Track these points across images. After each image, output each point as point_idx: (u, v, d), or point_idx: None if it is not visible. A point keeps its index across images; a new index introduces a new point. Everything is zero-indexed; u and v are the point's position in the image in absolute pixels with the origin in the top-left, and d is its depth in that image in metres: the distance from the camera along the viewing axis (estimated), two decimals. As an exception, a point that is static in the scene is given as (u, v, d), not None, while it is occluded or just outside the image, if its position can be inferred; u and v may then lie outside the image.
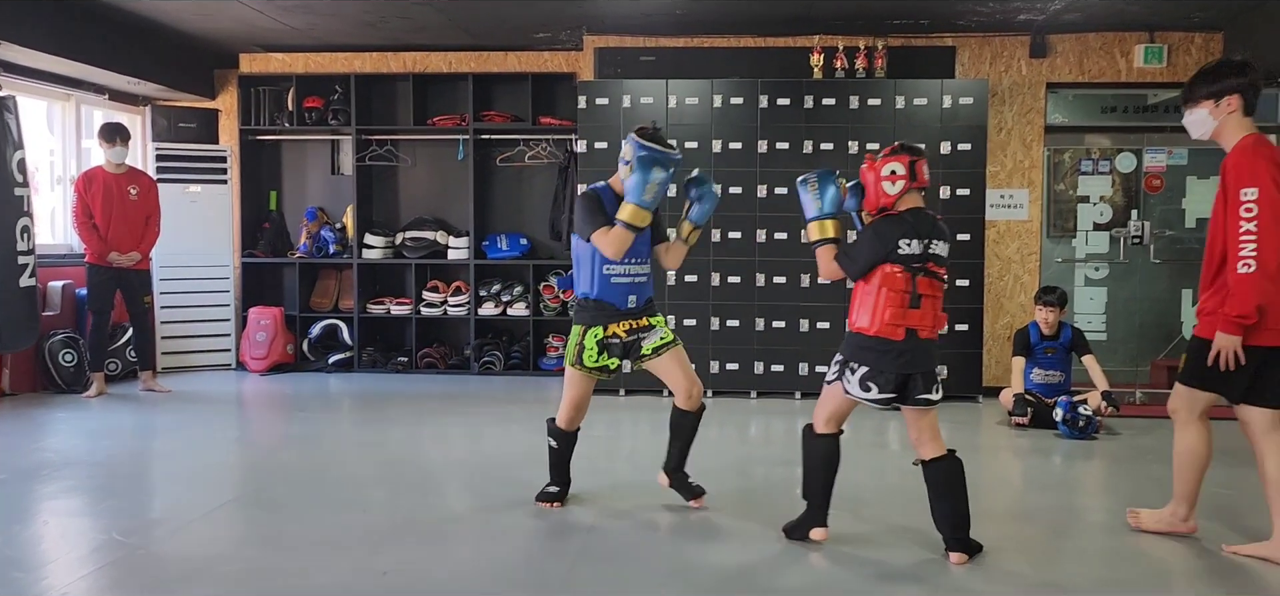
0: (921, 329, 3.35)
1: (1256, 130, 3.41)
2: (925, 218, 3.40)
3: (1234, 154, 3.35)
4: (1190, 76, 3.56)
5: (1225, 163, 3.39)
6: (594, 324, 3.92)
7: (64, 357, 6.82)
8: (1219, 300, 3.38)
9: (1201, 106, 3.46)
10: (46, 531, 3.80)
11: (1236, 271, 3.25)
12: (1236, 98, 3.38)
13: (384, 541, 3.63)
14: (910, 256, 3.32)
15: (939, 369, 3.38)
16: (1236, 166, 3.30)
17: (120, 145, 6.73)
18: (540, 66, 7.79)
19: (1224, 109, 3.40)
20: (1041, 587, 3.25)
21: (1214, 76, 3.45)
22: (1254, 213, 3.21)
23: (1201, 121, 3.48)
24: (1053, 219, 7.48)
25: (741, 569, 3.40)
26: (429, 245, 7.92)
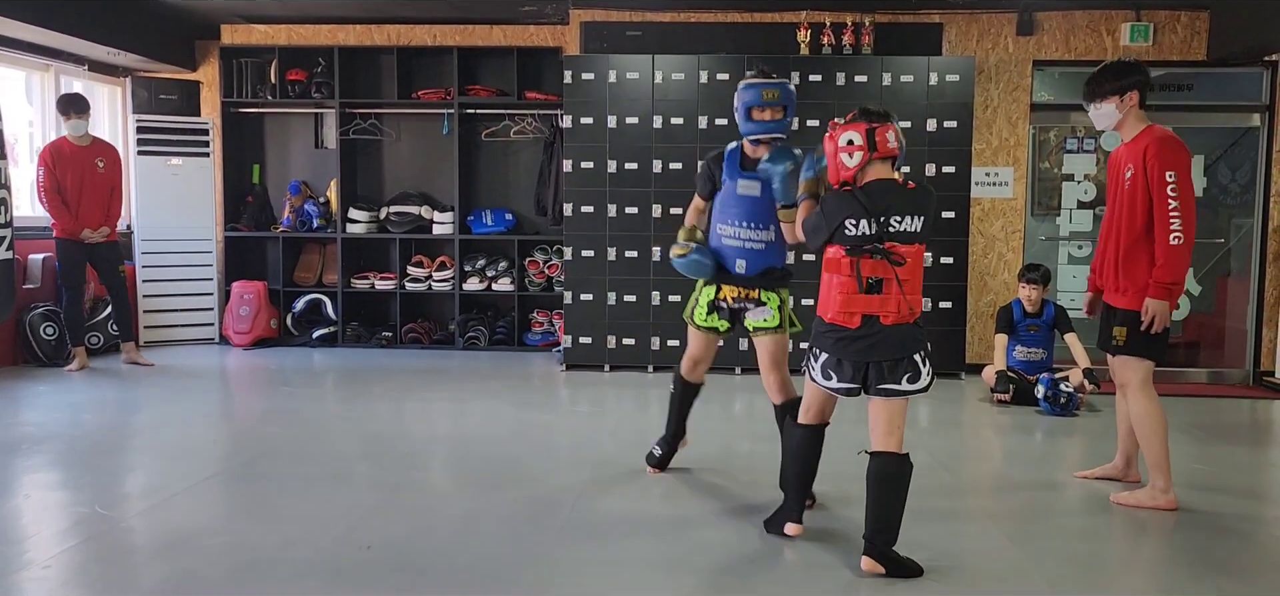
0: (884, 315, 3.06)
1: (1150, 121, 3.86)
2: (890, 190, 3.08)
3: (1154, 143, 3.73)
4: (1092, 75, 3.92)
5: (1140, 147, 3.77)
6: (711, 281, 3.91)
7: (45, 331, 6.76)
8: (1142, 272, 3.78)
9: (1108, 102, 3.85)
10: (27, 505, 3.78)
11: (1167, 243, 3.67)
12: (1136, 93, 3.83)
13: (367, 516, 3.63)
14: (860, 238, 3.05)
15: (919, 356, 3.12)
16: (1159, 153, 3.70)
17: (77, 117, 6.57)
18: (526, 40, 7.74)
19: (1127, 103, 3.83)
20: (1020, 563, 3.28)
21: (1117, 74, 3.85)
22: (1177, 192, 3.66)
23: (1108, 114, 3.87)
24: (1037, 197, 7.50)
25: (723, 545, 3.41)
26: (414, 220, 7.88)
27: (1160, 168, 3.67)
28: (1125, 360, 3.87)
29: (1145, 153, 3.73)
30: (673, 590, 3.00)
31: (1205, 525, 3.74)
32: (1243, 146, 7.36)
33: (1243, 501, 4.15)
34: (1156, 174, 3.68)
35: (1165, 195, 3.67)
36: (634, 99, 6.91)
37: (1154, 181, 3.69)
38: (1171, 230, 3.67)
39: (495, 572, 3.09)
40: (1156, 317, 3.72)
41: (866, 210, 3.04)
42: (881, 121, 3.12)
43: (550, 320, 7.87)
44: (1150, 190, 3.71)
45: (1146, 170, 3.71)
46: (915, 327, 3.13)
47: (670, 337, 6.95)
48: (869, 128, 3.10)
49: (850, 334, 3.11)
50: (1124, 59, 4.01)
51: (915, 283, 3.11)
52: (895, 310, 3.07)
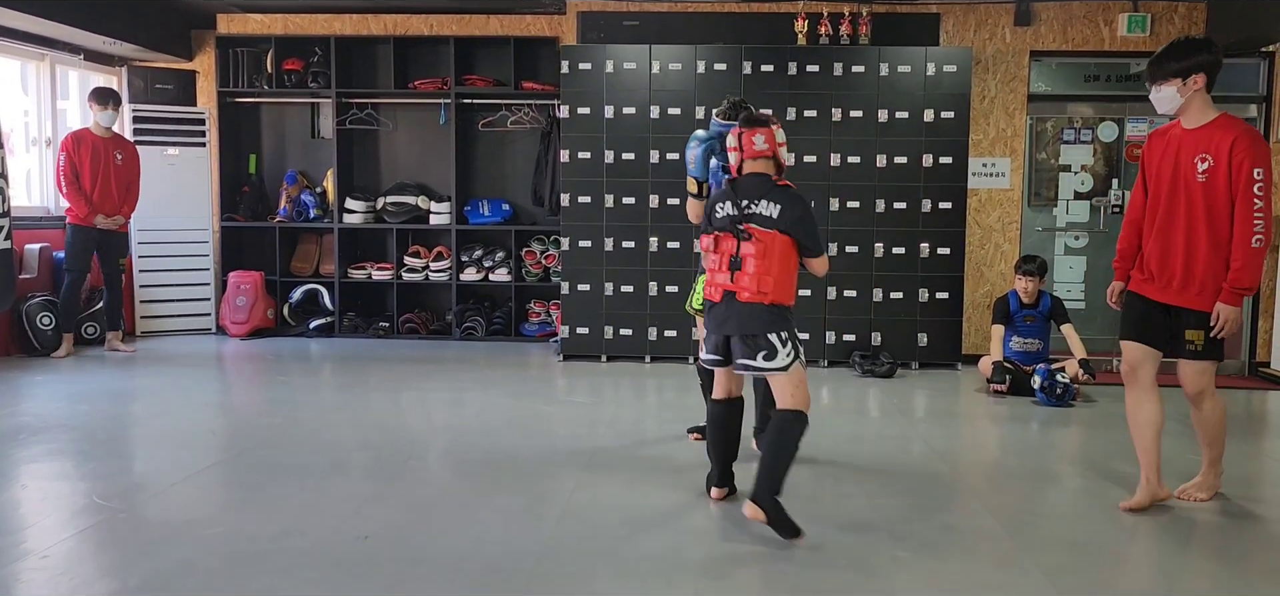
0: (739, 292, 3.34)
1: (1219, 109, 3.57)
2: (756, 181, 3.42)
3: (1243, 136, 3.43)
4: (1155, 55, 3.60)
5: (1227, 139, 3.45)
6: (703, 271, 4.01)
7: (41, 321, 6.76)
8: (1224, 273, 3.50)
9: (1170, 84, 3.52)
10: (26, 495, 3.78)
11: (1249, 245, 3.41)
12: (1202, 75, 3.48)
13: (365, 506, 3.63)
14: (724, 219, 3.40)
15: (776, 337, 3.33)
16: (1250, 149, 3.40)
17: (112, 109, 6.82)
18: (523, 30, 7.72)
19: (1191, 86, 3.49)
20: (1016, 552, 3.29)
21: (1183, 53, 3.51)
22: (1264, 192, 3.37)
23: (1169, 98, 3.55)
24: (1034, 188, 7.51)
25: (719, 534, 3.43)
26: (411, 210, 7.87)
27: (1250, 164, 3.40)
28: (1203, 366, 3.65)
29: (1233, 146, 3.43)
30: (669, 580, 3.02)
31: (1201, 514, 3.75)
32: (1239, 137, 7.35)
33: (1238, 490, 4.16)
34: (1245, 171, 3.40)
35: (1252, 195, 3.40)
36: (631, 89, 6.91)
37: (1240, 178, 3.41)
38: (1255, 232, 3.41)
39: (492, 562, 3.10)
40: (1228, 323, 3.51)
41: (732, 196, 3.40)
42: (751, 126, 3.45)
43: (547, 310, 7.87)
44: (1233, 187, 3.44)
45: (1232, 165, 3.43)
46: (772, 310, 3.36)
47: (667, 328, 6.95)
48: (739, 133, 3.47)
49: (715, 309, 3.44)
50: (1192, 37, 3.76)
51: (775, 270, 3.34)
52: (750, 288, 3.33)
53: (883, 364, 6.64)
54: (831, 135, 6.84)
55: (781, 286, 3.36)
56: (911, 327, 6.92)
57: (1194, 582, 3.09)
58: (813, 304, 6.87)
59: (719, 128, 4.17)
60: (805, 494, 3.89)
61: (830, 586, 2.99)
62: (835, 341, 6.97)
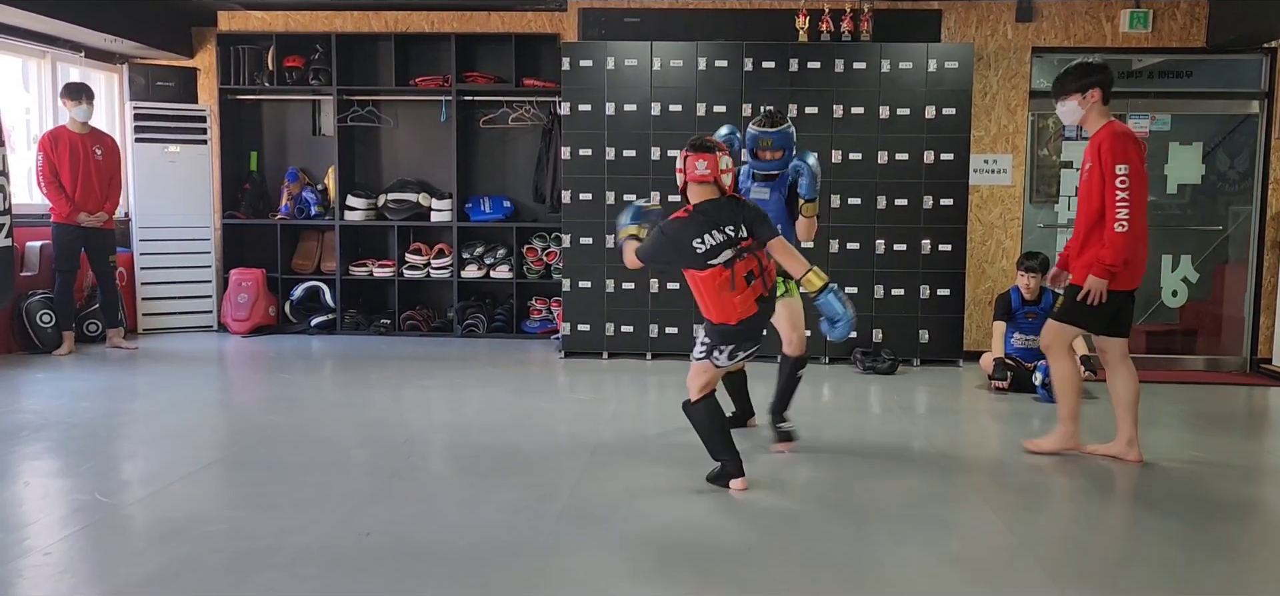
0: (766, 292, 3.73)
1: (1114, 117, 4.23)
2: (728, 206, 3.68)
3: (1108, 137, 4.09)
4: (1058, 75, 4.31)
5: (1097, 142, 4.15)
6: None
7: (42, 318, 6.77)
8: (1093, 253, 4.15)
9: (1072, 98, 4.23)
10: (27, 492, 3.79)
11: (1113, 230, 4.05)
12: (1098, 91, 4.18)
13: (366, 503, 3.64)
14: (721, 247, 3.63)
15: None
16: (1111, 147, 4.05)
17: (86, 104, 6.74)
18: (524, 27, 7.72)
19: (1089, 100, 4.19)
20: (1017, 549, 3.29)
21: (1081, 74, 4.22)
22: (1127, 184, 4.01)
23: (1072, 111, 4.26)
24: (1035, 184, 7.50)
25: (721, 531, 3.43)
26: (412, 207, 7.87)
27: (1113, 161, 4.03)
28: (1053, 326, 4.34)
29: (1100, 146, 4.10)
30: (670, 576, 3.02)
31: (1203, 510, 3.75)
32: (1241, 133, 7.35)
33: (1240, 486, 4.16)
34: (1109, 166, 4.04)
35: (1114, 187, 4.04)
36: (632, 86, 6.90)
37: (1107, 173, 4.06)
38: (1118, 219, 4.03)
39: (493, 559, 3.10)
40: (1093, 292, 4.14)
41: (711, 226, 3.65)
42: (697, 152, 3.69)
43: (548, 307, 7.87)
44: (1103, 180, 4.08)
45: (1101, 162, 4.08)
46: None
47: (668, 325, 6.95)
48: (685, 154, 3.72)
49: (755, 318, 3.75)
50: (1089, 62, 4.40)
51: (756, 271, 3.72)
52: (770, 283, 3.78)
53: (884, 361, 6.64)
54: (833, 132, 6.83)
55: None
56: (913, 324, 6.91)
57: (1196, 579, 3.09)
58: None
59: (754, 133, 4.45)
60: (807, 489, 3.89)
61: (832, 582, 2.99)
62: (836, 338, 6.95)
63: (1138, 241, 4.13)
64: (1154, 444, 5.05)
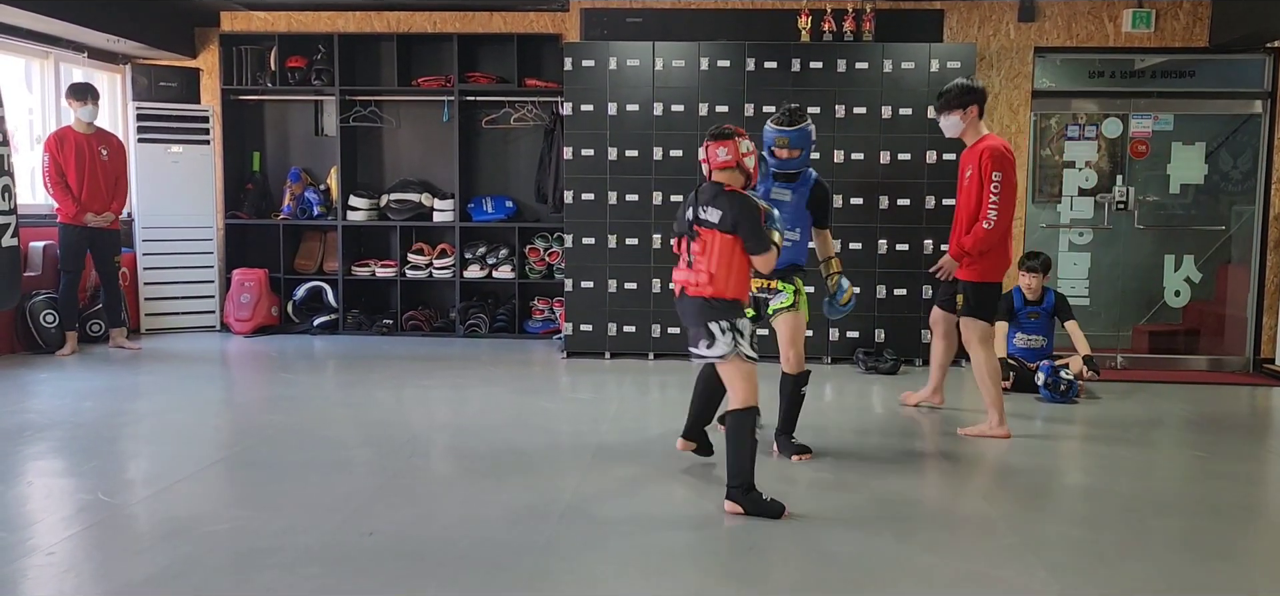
0: (688, 287, 3.64)
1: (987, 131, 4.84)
2: (710, 190, 3.67)
3: (989, 150, 4.68)
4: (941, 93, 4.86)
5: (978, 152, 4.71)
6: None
7: (45, 318, 6.78)
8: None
9: (954, 114, 4.78)
10: (31, 492, 3.79)
11: (981, 225, 4.67)
12: (975, 108, 4.76)
13: (368, 502, 3.64)
14: (683, 223, 3.69)
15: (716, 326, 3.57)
16: (991, 158, 4.65)
17: (91, 104, 6.76)
18: (526, 27, 7.72)
19: (969, 116, 4.76)
20: (1019, 548, 3.29)
21: (962, 92, 4.76)
22: (999, 190, 4.64)
23: (954, 124, 4.81)
24: (1038, 184, 7.49)
25: (722, 533, 3.43)
26: (414, 207, 7.88)
27: (991, 169, 4.65)
28: (966, 320, 4.85)
29: (981, 157, 4.68)
30: (671, 577, 3.02)
31: (1205, 511, 3.75)
32: (1244, 133, 7.34)
33: (1242, 487, 4.16)
34: (987, 173, 4.65)
35: (989, 190, 4.65)
36: (634, 86, 6.90)
37: (985, 178, 4.65)
38: (987, 216, 4.65)
39: (495, 559, 3.10)
40: (944, 269, 4.88)
41: (693, 203, 3.67)
42: (716, 140, 3.69)
43: (551, 307, 7.87)
44: (981, 184, 4.67)
45: (981, 170, 4.67)
46: (713, 302, 3.59)
47: (671, 325, 6.95)
48: (706, 144, 3.73)
49: (676, 304, 3.75)
50: (967, 81, 4.89)
51: (714, 265, 3.58)
52: (694, 283, 3.62)
53: (886, 361, 6.64)
54: (835, 132, 6.83)
55: (721, 280, 3.58)
56: (915, 324, 6.91)
57: (1198, 579, 3.09)
58: (817, 300, 6.85)
59: (770, 131, 4.40)
60: (809, 490, 3.89)
61: (834, 581, 2.99)
62: (839, 338, 6.96)
63: (1002, 238, 4.73)
64: (1157, 444, 5.06)
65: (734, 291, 3.60)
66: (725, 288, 3.59)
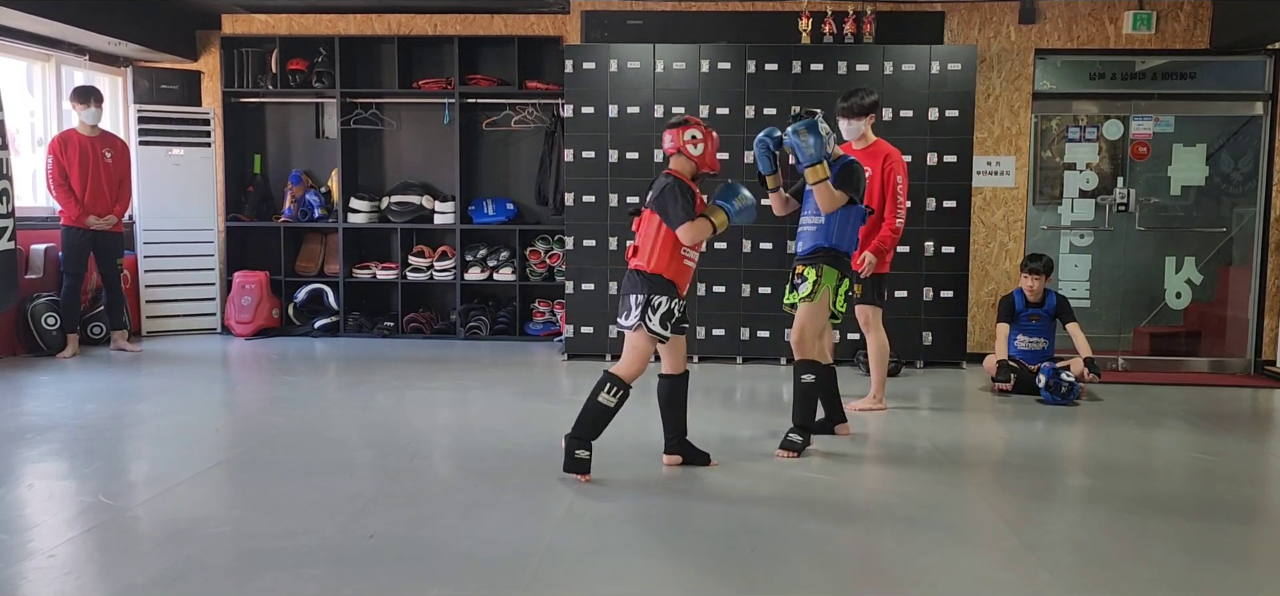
0: (630, 261, 4.00)
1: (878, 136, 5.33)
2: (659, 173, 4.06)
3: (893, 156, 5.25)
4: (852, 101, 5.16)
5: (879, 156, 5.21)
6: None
7: (46, 321, 6.78)
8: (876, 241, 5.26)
9: (859, 120, 5.19)
10: (32, 494, 3.79)
11: (893, 224, 5.25)
12: (873, 115, 5.26)
13: (370, 504, 3.64)
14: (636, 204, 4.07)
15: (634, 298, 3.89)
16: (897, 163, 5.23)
17: (95, 107, 6.78)
18: (526, 29, 7.73)
19: (868, 121, 5.23)
20: (1020, 550, 3.29)
21: (863, 99, 5.18)
22: (903, 192, 5.24)
23: (856, 129, 5.20)
24: (1039, 186, 7.49)
25: (724, 534, 3.42)
26: (415, 210, 7.88)
27: (895, 173, 5.21)
28: (864, 308, 5.35)
29: (885, 162, 5.21)
30: (673, 579, 3.01)
31: (1207, 513, 3.75)
32: (1245, 135, 7.34)
33: (1245, 489, 4.16)
34: (892, 178, 5.20)
35: (896, 193, 5.22)
36: (635, 88, 6.91)
37: (888, 182, 5.20)
38: (897, 217, 5.24)
39: (497, 561, 3.10)
40: (867, 266, 5.24)
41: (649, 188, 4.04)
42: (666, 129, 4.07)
43: (552, 309, 7.87)
44: (884, 188, 5.20)
45: (885, 174, 5.19)
46: (637, 275, 3.93)
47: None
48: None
49: None
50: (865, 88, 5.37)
51: (644, 239, 3.98)
52: (633, 255, 4.02)
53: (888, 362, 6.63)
54: (836, 133, 6.81)
55: (645, 253, 3.94)
56: (916, 326, 6.91)
57: (1199, 581, 3.08)
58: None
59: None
60: (811, 490, 3.89)
61: (836, 583, 2.99)
62: (840, 339, 6.95)
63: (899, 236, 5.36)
64: (1159, 445, 5.05)
65: (658, 266, 3.89)
66: (648, 261, 3.91)
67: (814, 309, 4.42)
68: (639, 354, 3.92)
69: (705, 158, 4.00)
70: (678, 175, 3.97)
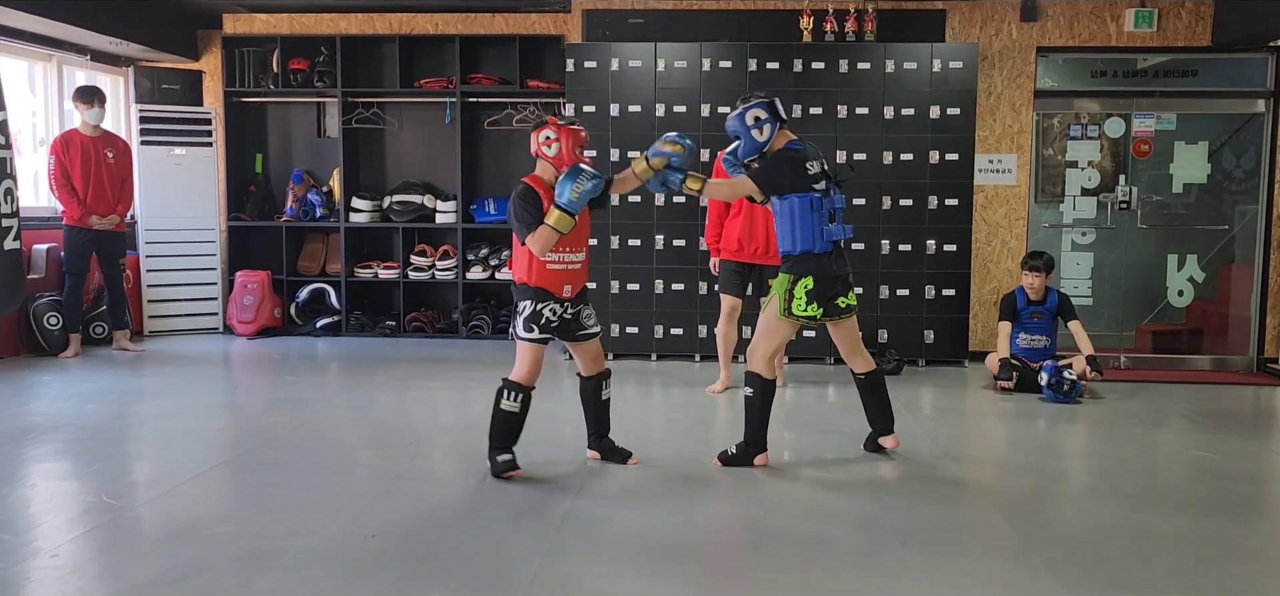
0: None
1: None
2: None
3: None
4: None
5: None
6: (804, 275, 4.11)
7: (49, 321, 6.79)
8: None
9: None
10: (35, 494, 3.80)
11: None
12: None
13: (372, 504, 3.64)
14: None
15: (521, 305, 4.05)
16: None
17: (98, 107, 6.79)
18: (528, 28, 7.72)
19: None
20: (1023, 549, 3.29)
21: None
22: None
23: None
24: (1041, 184, 7.48)
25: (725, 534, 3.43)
26: (416, 209, 7.88)
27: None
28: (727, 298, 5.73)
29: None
30: (674, 579, 3.01)
31: (1209, 511, 3.74)
32: (1247, 132, 7.33)
33: (1248, 487, 4.15)
34: None
35: None
36: (636, 87, 6.90)
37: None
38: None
39: (499, 561, 3.10)
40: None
41: None
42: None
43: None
44: None
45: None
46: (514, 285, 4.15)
47: (673, 326, 6.95)
48: None
49: None
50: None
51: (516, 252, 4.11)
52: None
53: (889, 361, 6.63)
54: (837, 132, 6.83)
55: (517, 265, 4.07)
56: (918, 325, 6.91)
57: (1202, 580, 3.08)
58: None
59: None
60: (812, 490, 3.89)
61: (838, 582, 2.99)
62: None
63: None
64: (1160, 444, 5.05)
65: (522, 275, 3.99)
66: (514, 270, 4.07)
67: (764, 319, 4.19)
68: (522, 357, 3.99)
69: (561, 157, 3.97)
70: (535, 181, 3.99)
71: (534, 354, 3.99)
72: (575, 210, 3.87)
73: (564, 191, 3.85)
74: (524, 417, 3.99)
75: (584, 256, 4.14)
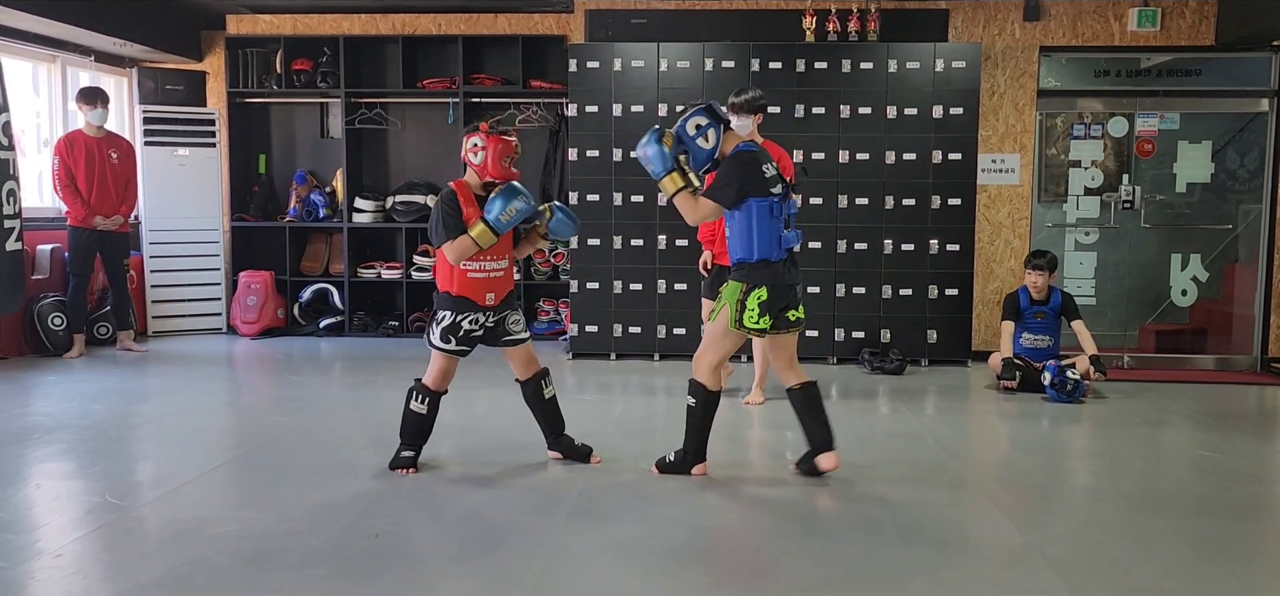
0: None
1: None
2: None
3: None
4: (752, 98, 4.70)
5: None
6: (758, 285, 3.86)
7: (53, 321, 6.80)
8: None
9: (750, 118, 4.67)
10: (39, 494, 3.81)
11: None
12: (762, 115, 4.83)
13: (375, 504, 3.64)
14: None
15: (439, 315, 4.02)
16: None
17: (102, 108, 6.81)
18: (531, 28, 7.73)
19: (758, 120, 4.77)
20: (1026, 549, 3.29)
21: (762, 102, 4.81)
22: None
23: (747, 126, 4.67)
24: (1044, 183, 7.48)
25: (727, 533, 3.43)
26: (419, 209, 7.88)
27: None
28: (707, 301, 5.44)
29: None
30: (676, 578, 3.02)
31: (1213, 511, 3.74)
32: (1251, 132, 7.32)
33: (1251, 487, 4.15)
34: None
35: None
36: (639, 87, 6.91)
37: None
38: None
39: (501, 560, 3.11)
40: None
41: None
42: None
43: (556, 309, 7.88)
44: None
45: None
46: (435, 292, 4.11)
47: (676, 325, 6.95)
48: None
49: None
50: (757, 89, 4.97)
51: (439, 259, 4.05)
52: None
53: (892, 361, 6.63)
54: (840, 132, 6.83)
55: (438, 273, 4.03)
56: (921, 324, 6.90)
57: (1207, 580, 3.08)
58: (822, 301, 6.87)
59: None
60: (814, 489, 3.89)
61: (840, 581, 2.99)
62: (844, 338, 6.96)
63: None
64: (1164, 444, 5.04)
65: (444, 283, 3.96)
66: (437, 276, 4.04)
67: (712, 330, 4.01)
68: (434, 364, 4.04)
69: (486, 165, 3.98)
70: (461, 187, 3.98)
71: (446, 363, 4.04)
72: (501, 230, 3.90)
73: (494, 208, 3.85)
74: (432, 419, 4.08)
75: (507, 264, 4.11)
